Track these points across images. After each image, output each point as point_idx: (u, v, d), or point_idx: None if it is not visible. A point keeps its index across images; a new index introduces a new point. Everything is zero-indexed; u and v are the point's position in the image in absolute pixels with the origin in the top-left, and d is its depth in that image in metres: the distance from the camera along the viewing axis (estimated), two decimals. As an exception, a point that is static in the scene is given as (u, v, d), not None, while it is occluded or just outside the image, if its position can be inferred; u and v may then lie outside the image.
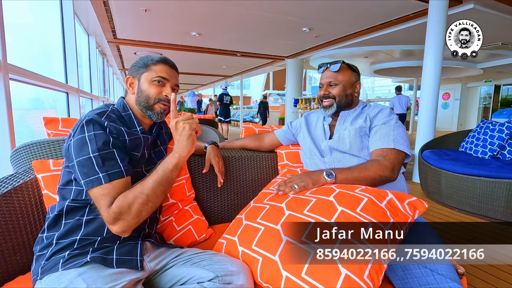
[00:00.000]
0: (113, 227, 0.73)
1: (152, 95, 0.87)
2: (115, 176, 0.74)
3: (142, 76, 0.88)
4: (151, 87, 0.87)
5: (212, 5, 4.01)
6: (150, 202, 0.74)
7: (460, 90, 12.45)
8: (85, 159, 0.73)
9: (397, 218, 0.78)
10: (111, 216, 0.72)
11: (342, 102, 1.19)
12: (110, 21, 4.76)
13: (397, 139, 1.08)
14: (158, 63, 0.89)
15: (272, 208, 0.92)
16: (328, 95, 1.19)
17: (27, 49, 3.11)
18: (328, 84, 1.19)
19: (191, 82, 14.64)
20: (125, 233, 0.74)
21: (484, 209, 2.41)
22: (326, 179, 0.99)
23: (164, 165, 0.77)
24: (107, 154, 0.75)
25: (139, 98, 0.88)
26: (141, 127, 0.89)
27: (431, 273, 0.78)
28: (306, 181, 0.98)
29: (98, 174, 0.73)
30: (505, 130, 2.75)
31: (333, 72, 1.18)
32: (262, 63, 8.73)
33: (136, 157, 0.85)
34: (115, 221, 0.72)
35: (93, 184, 0.73)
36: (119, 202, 0.72)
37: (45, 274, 0.73)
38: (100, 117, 0.79)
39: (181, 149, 0.77)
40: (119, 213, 0.72)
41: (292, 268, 0.74)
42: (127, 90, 0.91)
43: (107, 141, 0.76)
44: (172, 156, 0.78)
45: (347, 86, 1.19)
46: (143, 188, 0.74)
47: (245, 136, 1.51)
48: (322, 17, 4.44)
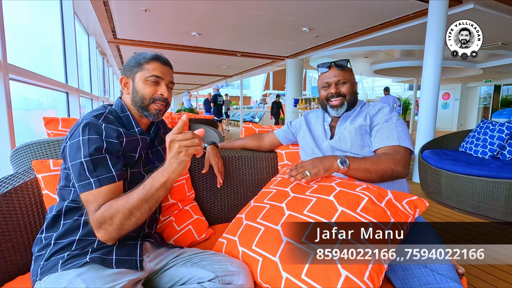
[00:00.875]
0: (97, 234, 0.73)
1: (147, 95, 0.86)
2: (106, 182, 0.74)
3: (136, 75, 0.87)
4: (145, 87, 0.86)
5: (212, 5, 4.01)
6: (133, 217, 0.71)
7: (460, 90, 12.45)
8: (78, 164, 0.73)
9: (397, 218, 0.78)
10: (94, 223, 0.72)
11: (352, 101, 1.19)
12: (110, 21, 4.76)
13: (401, 136, 1.08)
14: (151, 61, 0.87)
15: (272, 208, 0.92)
16: (339, 93, 1.17)
17: (27, 49, 3.11)
18: (336, 83, 1.17)
19: (191, 82, 14.63)
20: (109, 242, 0.74)
21: (484, 209, 2.41)
22: (339, 167, 0.97)
23: (151, 180, 0.72)
24: (99, 159, 0.74)
25: (135, 98, 0.87)
26: (139, 128, 0.88)
27: (431, 273, 0.78)
28: (318, 168, 0.96)
29: (89, 179, 0.73)
30: (505, 130, 2.75)
31: (340, 70, 1.17)
32: (262, 63, 8.74)
33: (133, 158, 0.84)
34: (98, 229, 0.72)
35: (84, 189, 0.73)
36: (102, 211, 0.71)
37: (44, 274, 0.73)
38: (97, 119, 0.78)
39: (171, 171, 0.70)
40: (102, 222, 0.71)
41: (292, 269, 0.74)
42: (122, 90, 0.90)
43: (100, 146, 0.75)
44: (161, 174, 0.71)
45: (354, 85, 1.20)
46: (127, 203, 0.71)
47: (245, 136, 1.51)
48: (322, 17, 4.44)
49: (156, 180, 0.71)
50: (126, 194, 0.73)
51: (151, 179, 0.72)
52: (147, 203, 0.71)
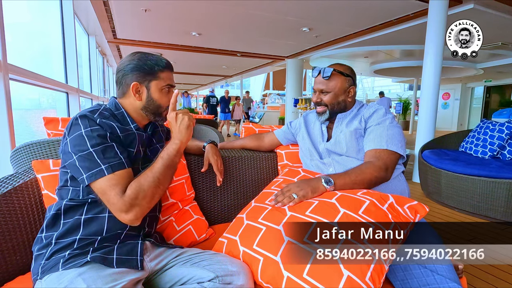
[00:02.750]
0: (127, 216, 0.73)
1: (164, 104, 0.90)
2: (118, 167, 0.75)
3: (151, 84, 0.87)
4: (162, 96, 0.89)
5: (212, 5, 4.01)
6: (161, 185, 0.79)
7: (460, 90, 12.45)
8: (86, 154, 0.73)
9: (398, 221, 0.78)
10: (126, 203, 0.72)
11: (335, 109, 1.18)
12: (110, 21, 4.76)
13: (390, 139, 1.07)
14: (165, 70, 0.89)
15: (274, 209, 0.92)
16: (320, 102, 1.18)
17: (27, 49, 3.11)
18: (320, 91, 1.18)
19: (191, 82, 14.63)
20: (138, 221, 0.75)
21: (484, 209, 2.41)
22: (325, 187, 0.95)
23: (167, 151, 0.82)
24: (106, 147, 0.76)
25: (149, 106, 0.89)
26: (135, 124, 0.89)
27: (431, 273, 0.78)
28: (305, 190, 0.93)
29: (100, 166, 0.73)
30: (505, 130, 2.75)
31: (324, 79, 1.15)
32: (262, 63, 8.74)
33: (131, 153, 0.85)
34: (130, 208, 0.73)
35: (96, 177, 0.73)
36: (133, 187, 0.74)
37: (45, 274, 0.73)
38: (92, 114, 0.79)
39: (181, 135, 0.83)
40: (135, 198, 0.73)
41: (294, 269, 0.74)
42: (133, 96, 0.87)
43: (104, 135, 0.76)
44: (172, 143, 0.83)
45: (339, 93, 1.16)
46: (154, 172, 0.78)
47: (245, 136, 1.51)
48: (322, 17, 4.44)
49: (171, 149, 0.82)
50: (146, 170, 0.79)
51: (164, 151, 0.82)
52: (170, 169, 0.81)
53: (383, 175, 1.03)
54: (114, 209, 0.73)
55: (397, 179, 1.13)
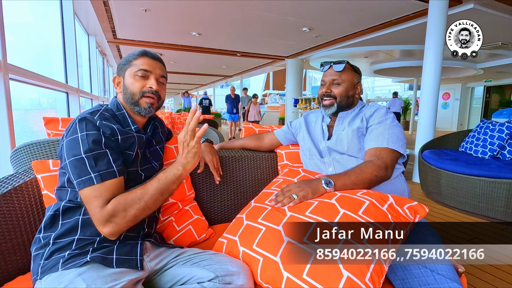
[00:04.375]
0: (103, 229, 0.72)
1: (136, 89, 0.87)
2: (108, 176, 0.74)
3: (125, 72, 0.88)
4: (134, 82, 0.87)
5: (212, 5, 4.01)
6: (148, 209, 0.75)
7: (460, 90, 12.45)
8: (77, 159, 0.73)
9: (398, 222, 0.78)
10: (102, 218, 0.71)
11: (343, 103, 1.18)
12: (110, 21, 4.76)
13: (391, 138, 1.08)
14: (138, 57, 0.88)
15: (274, 209, 0.92)
16: (330, 93, 1.18)
17: (27, 49, 3.11)
18: (331, 82, 1.18)
19: (191, 82, 14.63)
20: (114, 236, 0.73)
21: (484, 209, 2.41)
22: (325, 189, 0.95)
23: (165, 174, 0.78)
24: (99, 154, 0.74)
25: (125, 95, 0.88)
26: (136, 126, 0.88)
27: (431, 273, 0.78)
28: (306, 190, 0.92)
29: (90, 174, 0.72)
30: (505, 130, 2.75)
31: (337, 71, 1.17)
32: (262, 63, 8.74)
33: (130, 156, 0.84)
34: (106, 223, 0.71)
35: (84, 185, 0.72)
36: (114, 204, 0.72)
37: (45, 274, 0.73)
38: (92, 116, 0.78)
39: (186, 162, 0.79)
40: (113, 216, 0.71)
41: (293, 269, 0.74)
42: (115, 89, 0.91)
43: (99, 140, 0.75)
44: (175, 168, 0.79)
45: (350, 87, 1.18)
46: (144, 194, 0.74)
47: (245, 136, 1.51)
48: (322, 17, 4.44)
49: (171, 175, 0.78)
50: (139, 187, 0.76)
51: (164, 173, 0.78)
52: (163, 195, 0.77)
53: (383, 174, 1.03)
54: (94, 220, 0.73)
55: (397, 179, 1.13)
